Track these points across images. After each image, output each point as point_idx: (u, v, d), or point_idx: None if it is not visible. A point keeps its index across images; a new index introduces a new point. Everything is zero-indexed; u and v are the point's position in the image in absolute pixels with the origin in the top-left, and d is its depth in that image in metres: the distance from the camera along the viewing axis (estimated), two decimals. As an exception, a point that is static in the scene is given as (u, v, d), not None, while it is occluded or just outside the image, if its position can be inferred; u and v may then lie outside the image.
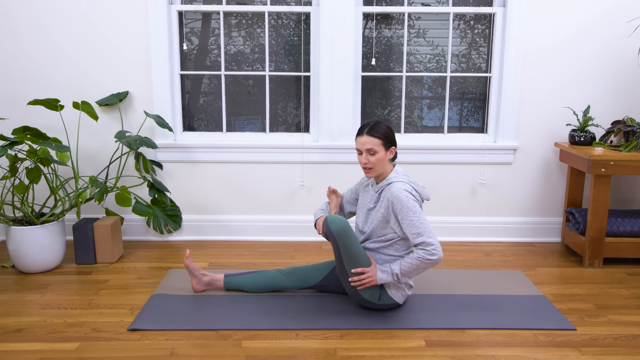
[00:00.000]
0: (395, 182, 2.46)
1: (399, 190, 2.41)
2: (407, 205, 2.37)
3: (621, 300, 2.78)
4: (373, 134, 2.47)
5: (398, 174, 2.52)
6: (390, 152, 2.51)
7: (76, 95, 3.49)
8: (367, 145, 2.46)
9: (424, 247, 2.35)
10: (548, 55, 3.47)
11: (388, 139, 2.48)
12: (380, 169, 2.51)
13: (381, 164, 2.49)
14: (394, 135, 2.53)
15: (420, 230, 2.36)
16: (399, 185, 2.44)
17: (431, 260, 2.34)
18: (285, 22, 3.53)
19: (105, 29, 3.41)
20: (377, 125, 2.49)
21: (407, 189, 2.42)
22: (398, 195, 2.39)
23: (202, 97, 3.64)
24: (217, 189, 3.64)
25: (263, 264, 3.25)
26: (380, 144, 2.46)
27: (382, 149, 2.47)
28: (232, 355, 2.23)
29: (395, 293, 2.53)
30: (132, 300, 2.74)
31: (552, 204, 3.68)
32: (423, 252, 2.34)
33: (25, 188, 3.12)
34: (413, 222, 2.36)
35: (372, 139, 2.46)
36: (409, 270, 2.38)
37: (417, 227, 2.36)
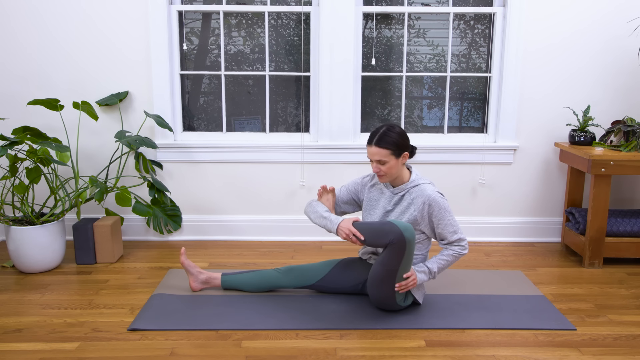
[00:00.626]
0: (423, 185, 2.49)
1: (433, 192, 2.45)
2: (444, 206, 2.45)
3: (621, 300, 2.78)
4: (381, 145, 2.41)
5: (419, 176, 2.55)
6: (403, 158, 2.48)
7: (76, 95, 3.49)
8: (376, 157, 2.43)
9: (459, 242, 2.49)
10: (548, 55, 3.47)
11: (398, 147, 2.43)
12: (394, 174, 2.49)
13: (394, 171, 2.48)
14: (406, 139, 2.47)
15: (456, 229, 2.48)
16: (429, 187, 2.48)
17: (463, 255, 2.51)
18: (285, 22, 3.53)
19: (105, 29, 3.41)
20: (385, 135, 2.42)
21: (434, 190, 2.48)
22: (435, 198, 2.44)
23: (202, 97, 3.64)
24: (217, 189, 3.64)
25: (263, 264, 3.25)
26: (389, 154, 2.42)
27: (393, 158, 2.43)
28: (232, 355, 2.23)
29: (418, 293, 2.59)
30: (132, 300, 2.74)
31: (552, 204, 3.68)
32: (459, 248, 2.49)
33: (25, 188, 3.12)
34: (450, 221, 2.47)
35: (380, 150, 2.42)
36: (444, 267, 2.51)
37: (453, 226, 2.47)
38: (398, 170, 2.48)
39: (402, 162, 2.48)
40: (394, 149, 2.42)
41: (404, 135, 2.47)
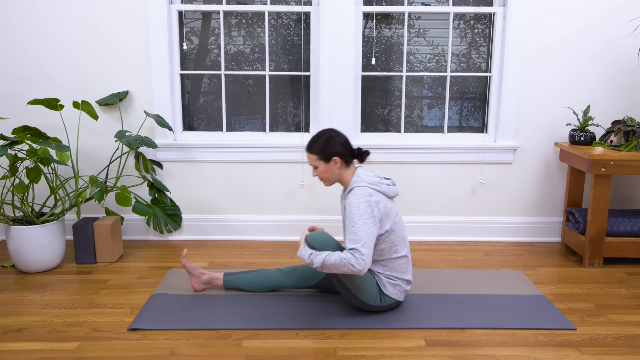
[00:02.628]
0: (355, 188, 2.45)
1: (354, 196, 2.41)
2: (356, 212, 2.35)
3: (621, 300, 2.78)
4: (309, 150, 2.53)
5: (359, 178, 2.49)
6: (334, 163, 2.49)
7: (76, 95, 3.49)
8: (309, 161, 2.55)
9: (354, 253, 2.28)
10: (548, 55, 3.47)
11: (324, 153, 2.48)
12: (333, 180, 2.55)
13: (329, 175, 2.53)
14: (336, 146, 2.48)
15: (359, 238, 2.30)
16: (356, 191, 2.42)
17: (355, 269, 2.26)
18: (285, 22, 3.53)
19: (105, 29, 3.41)
20: (313, 141, 2.52)
21: (364, 193, 2.39)
22: (351, 202, 2.39)
23: (202, 97, 3.64)
24: (217, 189, 3.64)
25: (263, 264, 3.25)
26: (316, 159, 2.51)
27: (322, 163, 2.51)
28: (232, 355, 2.23)
29: (392, 291, 2.53)
30: (132, 299, 2.74)
31: (552, 204, 3.68)
32: (351, 257, 2.27)
33: (25, 188, 3.12)
34: (356, 228, 2.32)
35: (309, 155, 2.54)
36: (329, 266, 2.29)
37: (356, 234, 2.31)
38: (334, 174, 2.53)
39: (335, 167, 2.51)
40: (320, 154, 2.49)
41: (332, 141, 2.48)
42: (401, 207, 3.67)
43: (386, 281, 2.51)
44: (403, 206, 3.67)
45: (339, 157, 2.49)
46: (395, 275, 2.53)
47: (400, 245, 2.51)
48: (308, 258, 2.34)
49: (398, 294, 2.55)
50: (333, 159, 2.49)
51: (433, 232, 3.69)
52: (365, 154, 2.56)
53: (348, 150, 2.52)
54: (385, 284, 2.51)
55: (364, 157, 2.57)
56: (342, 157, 2.50)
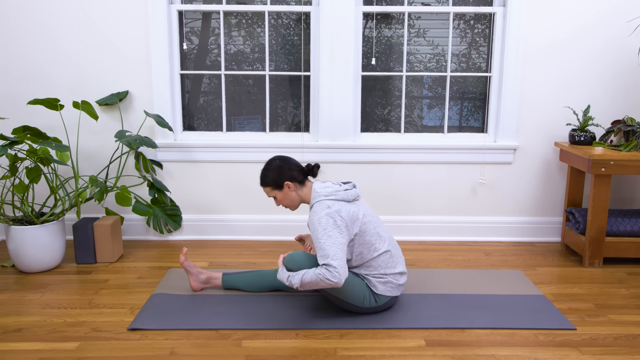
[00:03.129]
0: (314, 205, 2.47)
1: (313, 213, 2.42)
2: (318, 227, 2.36)
3: (621, 300, 2.78)
4: (263, 184, 2.58)
5: (315, 193, 2.49)
6: (287, 188, 2.53)
7: (76, 95, 3.49)
8: (267, 195, 2.61)
9: (327, 267, 2.28)
10: (548, 55, 3.47)
11: (274, 182, 2.53)
12: (295, 203, 2.59)
13: (289, 200, 2.57)
14: (284, 172, 2.51)
15: (327, 252, 2.30)
16: (315, 207, 2.44)
17: (331, 282, 2.27)
18: (285, 22, 3.53)
19: (105, 28, 3.41)
20: (264, 174, 2.56)
21: (322, 207, 2.40)
22: (312, 219, 2.41)
23: (202, 97, 3.64)
24: (217, 189, 3.64)
25: (263, 264, 3.25)
26: (271, 190, 2.56)
27: (277, 192, 2.56)
28: (232, 354, 2.23)
29: (384, 289, 2.51)
30: (132, 299, 2.74)
31: (552, 204, 3.68)
32: (325, 271, 2.27)
33: (25, 188, 3.12)
34: (321, 243, 2.33)
35: (265, 189, 2.59)
36: (308, 283, 2.30)
37: (323, 249, 2.31)
38: (292, 199, 2.57)
39: (290, 191, 2.54)
40: (273, 184, 2.54)
41: (281, 169, 2.52)
42: (401, 207, 3.67)
43: (375, 281, 2.50)
44: (403, 206, 3.67)
45: (289, 181, 2.52)
46: (383, 272, 2.50)
47: (378, 243, 2.48)
48: (287, 280, 2.37)
49: (391, 290, 2.53)
50: (285, 184, 2.52)
51: (433, 232, 3.69)
52: (316, 167, 2.60)
53: (298, 170, 2.55)
54: (374, 284, 2.50)
55: (315, 172, 2.60)
56: (293, 180, 2.53)
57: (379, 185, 3.63)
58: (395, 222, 3.67)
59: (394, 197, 3.65)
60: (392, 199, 3.65)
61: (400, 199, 3.66)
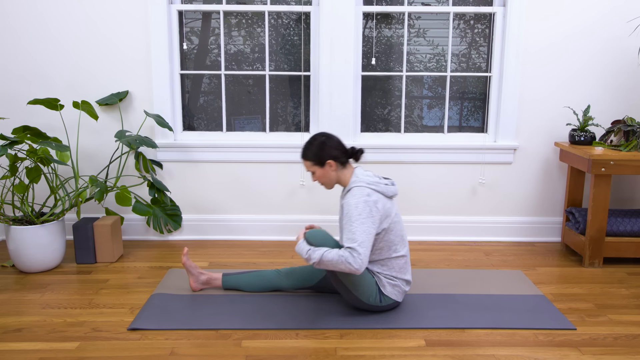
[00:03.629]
0: (353, 188, 2.45)
1: (352, 195, 2.41)
2: (354, 211, 2.35)
3: (621, 300, 2.78)
4: (304, 157, 2.55)
5: (357, 178, 2.48)
6: (329, 166, 2.51)
7: (76, 95, 3.49)
8: (305, 167, 2.58)
9: (351, 252, 2.28)
10: (548, 55, 3.47)
11: (318, 157, 2.50)
12: (331, 182, 2.56)
13: (327, 179, 2.54)
14: (330, 150, 2.49)
15: (356, 237, 2.30)
16: (355, 190, 2.42)
17: (352, 267, 2.26)
18: (285, 22, 3.53)
19: (105, 28, 3.41)
20: (306, 147, 2.53)
21: (362, 194, 2.39)
22: (349, 201, 2.39)
23: (202, 97, 3.64)
24: (217, 189, 3.64)
25: (263, 264, 3.25)
26: (312, 165, 2.53)
27: (317, 168, 2.53)
28: (232, 354, 2.23)
29: (391, 291, 2.52)
30: (132, 299, 2.74)
31: (552, 204, 3.68)
32: (349, 255, 2.27)
33: (25, 187, 3.12)
34: (353, 227, 2.32)
35: (305, 162, 2.56)
36: (327, 262, 2.28)
37: (353, 233, 2.31)
38: (331, 178, 2.54)
39: (330, 170, 2.52)
40: (315, 160, 2.51)
41: (325, 145, 2.49)
42: (401, 207, 3.67)
43: (385, 281, 2.51)
44: (403, 206, 3.67)
45: (333, 160, 2.50)
46: (395, 275, 2.52)
47: (399, 245, 2.50)
48: (306, 253, 2.34)
49: (397, 294, 2.55)
50: (327, 163, 2.50)
51: (433, 232, 3.69)
52: (360, 152, 2.56)
53: (342, 151, 2.53)
54: (384, 284, 2.51)
55: (358, 156, 2.57)
56: (336, 160, 2.51)
57: (379, 185, 3.63)
58: (395, 222, 3.67)
59: (394, 197, 3.65)
60: (392, 199, 3.65)
61: (400, 199, 3.66)
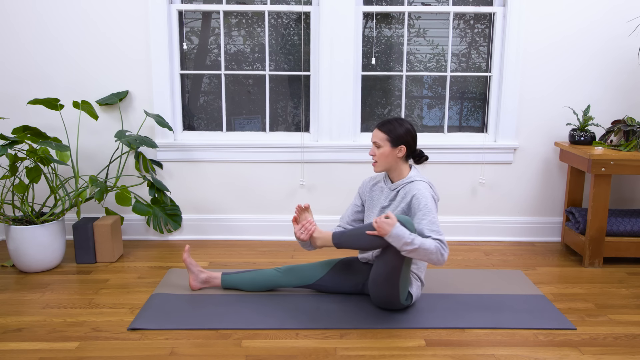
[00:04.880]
0: (418, 181, 2.50)
1: (425, 188, 2.46)
2: (428, 203, 2.41)
3: (621, 300, 2.78)
4: (381, 129, 2.53)
5: (417, 174, 2.56)
6: (398, 150, 2.52)
7: (76, 95, 3.49)
8: (374, 138, 2.55)
9: (441, 243, 2.33)
10: (548, 55, 3.47)
11: (396, 137, 2.51)
12: (385, 165, 2.55)
13: (385, 159, 2.54)
14: (409, 137, 2.53)
15: (438, 229, 2.37)
16: (422, 184, 2.48)
17: (442, 258, 2.32)
18: (285, 22, 3.53)
19: (105, 28, 3.41)
20: (390, 122, 2.54)
21: (427, 188, 2.47)
22: (424, 193, 2.43)
23: (202, 97, 3.64)
24: (217, 189, 3.64)
25: (263, 264, 3.25)
26: (385, 139, 2.52)
27: (388, 145, 2.52)
28: (232, 354, 2.23)
29: (416, 291, 2.60)
30: (132, 299, 2.74)
31: (552, 204, 3.68)
32: (442, 247, 2.33)
33: (25, 187, 3.12)
34: (434, 221, 2.39)
35: (379, 133, 2.53)
36: (423, 250, 2.26)
37: (435, 225, 2.38)
38: (391, 161, 2.53)
39: (397, 154, 2.52)
40: (392, 137, 2.51)
41: (407, 131, 2.53)
42: (401, 206, 3.67)
43: (413, 279, 2.60)
44: (403, 206, 3.67)
45: (405, 147, 2.52)
46: (420, 275, 2.62)
47: None
48: (409, 236, 2.25)
49: (415, 293, 2.61)
50: (400, 147, 2.52)
51: (433, 231, 3.69)
52: (424, 158, 2.62)
53: (414, 145, 2.57)
54: (412, 282, 2.59)
55: (421, 160, 2.62)
56: (407, 149, 2.54)
57: (379, 185, 3.63)
58: (395, 222, 3.67)
59: (394, 197, 3.65)
60: (392, 198, 3.65)
61: (400, 198, 3.66)
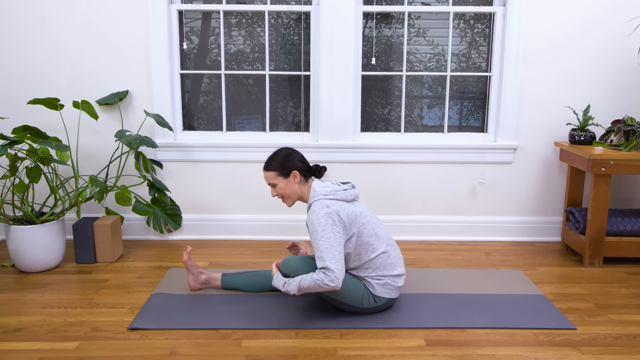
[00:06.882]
0: (312, 204, 2.45)
1: (312, 212, 2.40)
2: (317, 227, 2.35)
3: (621, 300, 2.78)
4: (267, 169, 2.53)
5: (315, 192, 2.48)
6: (293, 177, 2.50)
7: (76, 95, 3.49)
8: (267, 180, 2.54)
9: (325, 271, 2.29)
10: (548, 55, 3.47)
11: (283, 168, 2.49)
12: (293, 196, 2.54)
13: (288, 192, 2.53)
14: (295, 160, 2.50)
15: (324, 255, 2.30)
16: (314, 206, 2.42)
17: (328, 287, 2.28)
18: (285, 22, 3.53)
19: (105, 28, 3.41)
20: (271, 158, 2.52)
21: (321, 206, 2.39)
22: (311, 219, 2.39)
23: (202, 96, 3.64)
24: (217, 188, 3.64)
25: (263, 263, 3.25)
26: (275, 176, 2.51)
27: (281, 179, 2.51)
28: (232, 354, 2.23)
29: (382, 290, 2.51)
30: (132, 299, 2.74)
31: (552, 203, 3.68)
32: (324, 276, 2.28)
33: (25, 187, 3.12)
34: (320, 245, 2.32)
35: (267, 173, 2.53)
36: (305, 289, 2.31)
37: (322, 251, 2.31)
38: (294, 190, 2.53)
39: (294, 181, 2.51)
40: (280, 170, 2.50)
41: (290, 157, 2.51)
42: (401, 206, 3.67)
43: (374, 282, 2.50)
44: (403, 206, 3.67)
45: (297, 172, 2.50)
46: (382, 274, 2.50)
47: (376, 243, 2.47)
48: (283, 287, 2.35)
49: (389, 292, 2.53)
50: (292, 174, 2.50)
51: (433, 232, 3.69)
52: (323, 169, 2.58)
53: (306, 166, 2.54)
54: (373, 285, 2.50)
55: (321, 173, 2.59)
56: (300, 172, 2.51)
57: (379, 185, 3.63)
58: (395, 222, 3.67)
59: (393, 197, 3.65)
60: (392, 198, 3.65)
61: (400, 198, 3.66)
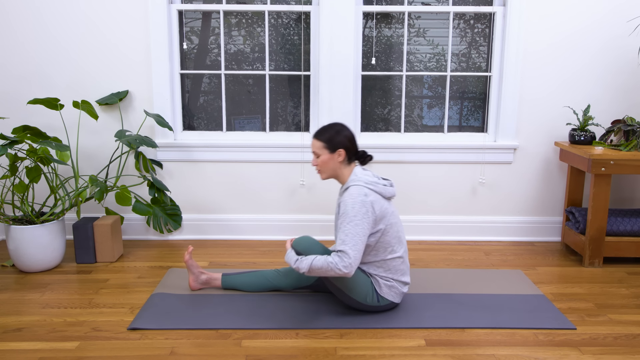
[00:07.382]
0: (351, 187, 2.43)
1: (349, 195, 2.39)
2: (350, 211, 2.34)
3: (621, 300, 2.78)
4: (317, 137, 2.51)
5: (356, 176, 2.47)
6: (338, 155, 2.49)
7: (76, 95, 3.49)
8: (313, 148, 2.54)
9: (341, 255, 2.28)
10: (548, 55, 3.47)
11: (331, 143, 2.47)
12: (330, 172, 2.53)
13: (327, 167, 2.51)
14: (345, 139, 2.49)
15: (347, 240, 2.30)
16: (352, 190, 2.41)
17: (341, 272, 2.27)
18: (285, 22, 3.53)
19: (105, 28, 3.41)
20: (324, 129, 2.51)
21: (360, 193, 2.38)
22: (346, 200, 2.38)
23: (202, 96, 3.64)
24: (217, 188, 3.64)
25: (263, 263, 3.25)
26: (322, 147, 2.49)
27: (326, 152, 2.49)
28: (232, 354, 2.23)
29: (388, 292, 2.52)
30: (132, 299, 2.74)
31: (552, 203, 3.68)
32: (338, 260, 2.28)
33: (25, 187, 3.12)
34: (346, 229, 2.32)
35: (315, 142, 2.52)
36: (316, 270, 2.30)
37: (346, 234, 2.31)
38: (332, 167, 2.51)
39: (337, 159, 2.49)
40: (328, 143, 2.48)
41: (341, 133, 2.49)
42: (401, 207, 3.67)
43: (382, 282, 2.50)
44: (403, 206, 3.67)
45: (344, 150, 2.49)
46: (391, 277, 2.51)
47: (396, 246, 2.49)
48: (294, 263, 2.35)
49: (394, 295, 2.54)
50: (338, 151, 2.48)
51: (433, 232, 3.69)
52: (369, 157, 2.57)
53: (354, 147, 2.53)
54: (381, 285, 2.50)
55: (366, 161, 2.57)
56: (347, 152, 2.50)
57: (379, 184, 3.63)
58: (395, 222, 3.67)
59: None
60: (392, 198, 3.66)
61: (400, 198, 3.66)
